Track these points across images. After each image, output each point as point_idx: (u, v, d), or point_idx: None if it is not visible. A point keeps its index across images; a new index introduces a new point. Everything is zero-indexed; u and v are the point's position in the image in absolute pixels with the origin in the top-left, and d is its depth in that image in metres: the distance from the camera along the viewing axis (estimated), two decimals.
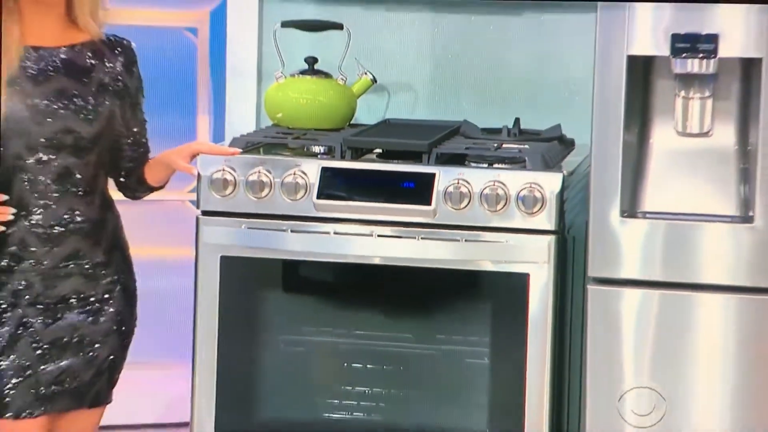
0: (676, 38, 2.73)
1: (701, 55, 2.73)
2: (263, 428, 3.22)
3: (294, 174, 3.03)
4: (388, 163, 3.12)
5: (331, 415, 3.20)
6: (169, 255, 4.07)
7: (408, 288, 3.07)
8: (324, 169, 3.05)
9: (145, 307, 3.06)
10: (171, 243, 4.07)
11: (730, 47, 2.73)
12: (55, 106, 2.80)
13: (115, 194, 3.06)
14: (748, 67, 2.79)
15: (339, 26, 3.46)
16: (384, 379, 3.15)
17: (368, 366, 3.18)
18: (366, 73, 3.47)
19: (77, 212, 2.84)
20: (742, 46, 2.74)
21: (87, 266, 2.86)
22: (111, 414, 3.04)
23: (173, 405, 4.23)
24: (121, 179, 3.03)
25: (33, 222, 2.81)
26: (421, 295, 3.09)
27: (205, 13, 4.30)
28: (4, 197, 2.78)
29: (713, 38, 2.71)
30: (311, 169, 3.04)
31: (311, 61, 3.38)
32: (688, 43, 2.75)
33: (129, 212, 3.11)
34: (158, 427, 4.37)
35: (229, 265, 3.10)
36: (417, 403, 3.15)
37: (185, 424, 3.29)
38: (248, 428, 3.22)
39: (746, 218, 2.78)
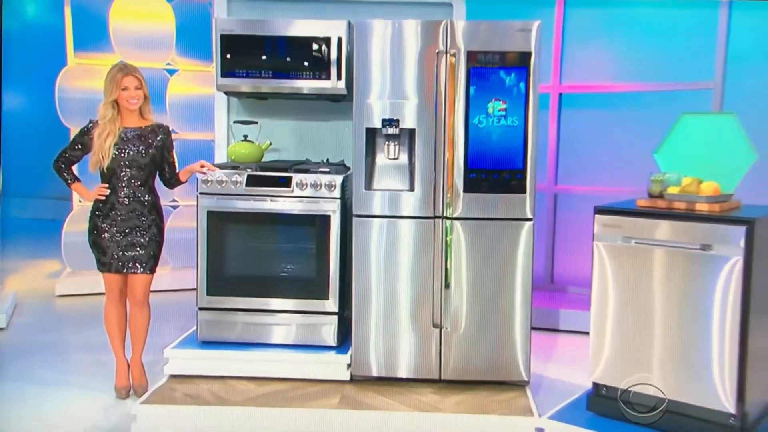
0: (384, 121, 4.79)
1: (393, 127, 4.76)
2: (230, 280, 4.97)
3: (236, 176, 4.92)
4: (275, 173, 4.93)
5: (261, 274, 4.92)
6: (189, 223, 5.88)
7: (284, 223, 4.93)
8: (248, 176, 4.95)
9: (172, 239, 4.94)
10: (188, 217, 6.13)
11: (405, 123, 4.77)
12: (131, 151, 4.55)
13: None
14: (412, 132, 4.79)
15: (256, 122, 5.49)
16: (280, 260, 5.00)
17: (273, 256, 5.00)
18: (267, 141, 5.40)
19: (137, 193, 4.57)
20: (409, 123, 4.77)
21: (141, 215, 4.60)
22: (158, 284, 4.88)
23: (186, 280, 6.17)
24: (165, 180, 4.76)
25: (119, 196, 4.53)
26: (289, 225, 4.94)
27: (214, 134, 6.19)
28: (106, 184, 4.50)
29: (397, 121, 4.78)
30: (243, 175, 4.94)
31: (245, 136, 5.35)
32: (388, 122, 4.78)
33: (179, 208, 4.96)
34: (178, 291, 6.30)
35: (211, 216, 4.95)
36: (292, 268, 5.01)
37: (193, 289, 5.05)
38: (223, 280, 4.98)
39: (411, 189, 4.81)
